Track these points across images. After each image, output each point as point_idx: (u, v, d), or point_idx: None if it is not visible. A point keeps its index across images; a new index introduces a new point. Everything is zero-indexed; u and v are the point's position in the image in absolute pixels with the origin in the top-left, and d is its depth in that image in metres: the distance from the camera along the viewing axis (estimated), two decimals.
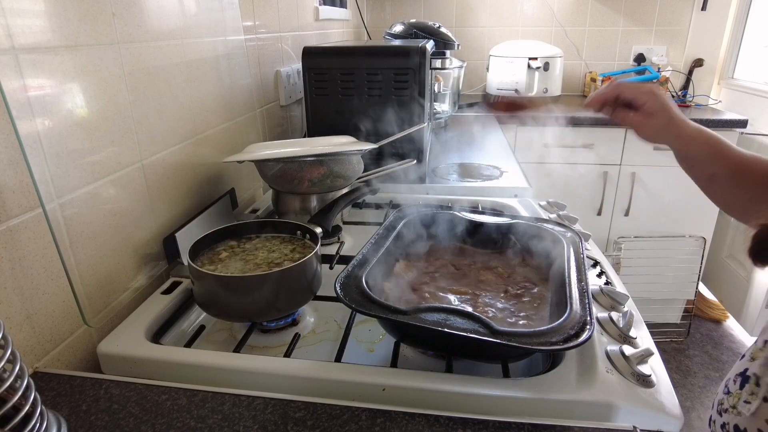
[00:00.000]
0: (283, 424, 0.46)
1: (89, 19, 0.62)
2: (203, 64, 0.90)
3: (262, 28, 1.17)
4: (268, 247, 0.70)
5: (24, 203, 0.54)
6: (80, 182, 0.61)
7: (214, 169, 0.95)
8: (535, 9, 2.44)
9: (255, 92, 1.13)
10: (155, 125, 0.76)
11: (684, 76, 2.40)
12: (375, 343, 0.65)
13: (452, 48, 1.78)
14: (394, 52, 1.11)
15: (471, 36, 2.51)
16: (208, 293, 0.62)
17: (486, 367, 0.59)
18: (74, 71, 0.60)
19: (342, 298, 0.54)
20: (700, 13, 2.31)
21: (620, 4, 2.37)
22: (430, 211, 0.79)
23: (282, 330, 0.67)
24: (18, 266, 0.53)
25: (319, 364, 0.56)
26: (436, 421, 0.46)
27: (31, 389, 0.39)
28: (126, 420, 0.47)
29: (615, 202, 2.11)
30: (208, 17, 0.91)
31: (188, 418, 0.47)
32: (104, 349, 0.59)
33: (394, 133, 0.99)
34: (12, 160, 0.52)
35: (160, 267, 0.77)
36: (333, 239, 0.89)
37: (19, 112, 0.52)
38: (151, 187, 0.75)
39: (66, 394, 0.50)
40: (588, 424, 0.46)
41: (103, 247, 0.66)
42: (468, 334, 0.49)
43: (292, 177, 0.86)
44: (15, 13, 0.52)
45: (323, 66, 1.11)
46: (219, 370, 0.56)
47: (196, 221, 0.81)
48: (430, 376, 0.53)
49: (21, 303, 0.54)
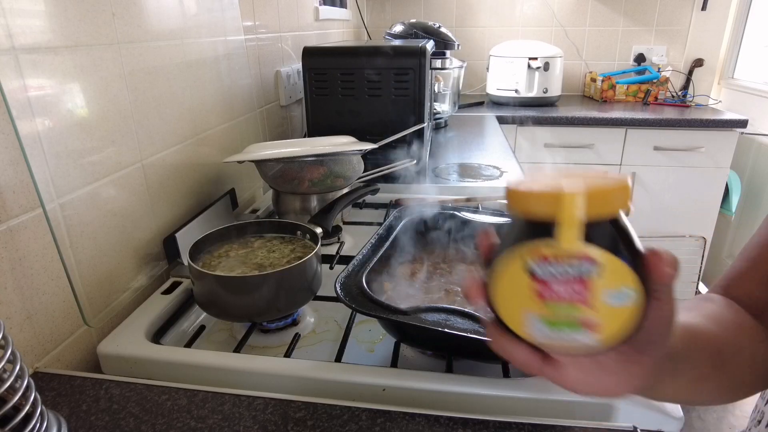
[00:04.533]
0: (283, 424, 0.46)
1: (89, 19, 0.62)
2: (203, 64, 0.90)
3: (262, 28, 1.17)
4: (268, 247, 0.70)
5: (24, 203, 0.54)
6: (80, 182, 0.61)
7: (214, 169, 0.95)
8: (535, 9, 2.44)
9: (255, 92, 1.13)
10: (155, 125, 0.76)
11: (684, 76, 2.40)
12: (375, 343, 0.65)
13: (452, 48, 1.79)
14: (394, 52, 1.11)
15: (471, 36, 2.51)
16: (208, 293, 0.62)
17: (486, 367, 0.59)
18: (74, 71, 0.60)
19: (342, 298, 0.54)
20: (701, 12, 2.31)
21: (620, 4, 2.37)
22: (430, 211, 0.79)
23: (282, 330, 0.67)
24: (18, 266, 0.53)
25: (319, 364, 0.56)
26: (437, 422, 0.46)
27: (32, 389, 0.39)
28: (126, 420, 0.47)
29: None
30: (208, 17, 0.91)
31: (188, 418, 0.47)
32: (104, 349, 0.59)
33: (394, 133, 0.99)
34: (12, 160, 0.52)
35: (160, 267, 0.77)
36: (333, 239, 0.89)
37: (19, 112, 0.52)
38: (152, 187, 0.75)
39: (66, 394, 0.50)
40: (588, 424, 0.46)
41: (103, 247, 0.66)
42: (468, 334, 0.49)
43: (292, 177, 0.86)
44: (15, 13, 0.52)
45: (323, 66, 1.11)
46: (219, 370, 0.56)
47: (196, 221, 0.81)
48: (431, 376, 0.53)
49: (21, 303, 0.54)
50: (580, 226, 0.26)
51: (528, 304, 0.28)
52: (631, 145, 2.02)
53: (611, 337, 0.28)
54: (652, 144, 2.00)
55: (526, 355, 0.31)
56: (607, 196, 0.27)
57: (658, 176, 2.04)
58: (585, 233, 0.27)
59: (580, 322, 0.28)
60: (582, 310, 0.28)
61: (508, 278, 0.29)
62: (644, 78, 2.34)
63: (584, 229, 0.27)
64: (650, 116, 2.00)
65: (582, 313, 0.28)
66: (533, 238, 0.28)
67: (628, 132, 2.00)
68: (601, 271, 0.27)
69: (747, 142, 2.12)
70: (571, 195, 0.26)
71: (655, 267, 0.27)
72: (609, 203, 0.27)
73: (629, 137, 2.00)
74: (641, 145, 2.01)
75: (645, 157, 2.02)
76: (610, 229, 0.28)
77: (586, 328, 0.28)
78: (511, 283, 0.29)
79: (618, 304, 0.27)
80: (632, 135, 2.00)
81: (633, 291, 0.27)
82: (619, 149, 2.03)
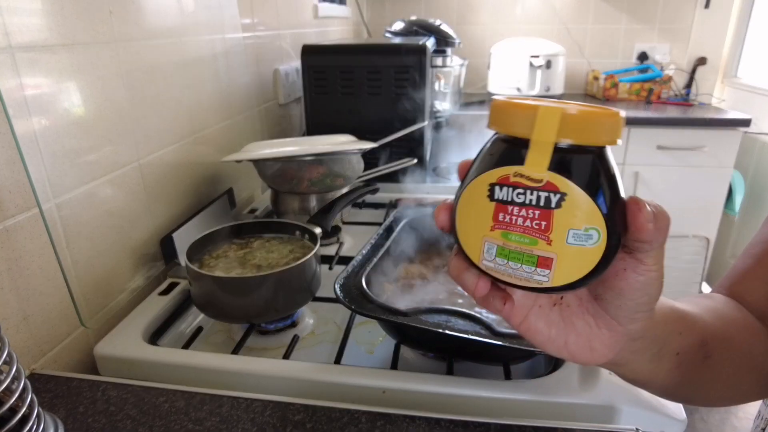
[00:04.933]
0: (281, 427, 0.45)
1: (86, 17, 0.61)
2: (201, 63, 0.89)
3: (260, 26, 1.16)
4: (266, 248, 0.70)
5: (20, 203, 0.53)
6: (77, 182, 0.61)
7: (212, 168, 0.94)
8: (537, 6, 2.43)
9: (253, 91, 1.13)
10: (153, 124, 0.75)
11: (687, 75, 2.39)
12: (375, 344, 0.65)
13: (453, 46, 1.78)
14: (395, 50, 1.10)
15: (472, 34, 2.50)
16: (206, 294, 0.62)
17: (487, 369, 0.59)
18: (71, 70, 0.59)
19: (341, 299, 0.54)
20: (703, 11, 2.30)
21: (623, 2, 2.36)
22: (430, 211, 0.78)
23: (281, 331, 0.67)
24: (14, 267, 0.53)
25: (318, 366, 0.55)
26: (437, 424, 0.45)
27: (28, 391, 0.38)
28: (123, 422, 0.46)
29: None
30: (206, 15, 0.90)
31: (186, 420, 0.47)
32: (101, 350, 0.58)
33: (395, 132, 0.98)
34: (8, 159, 0.52)
35: (157, 268, 0.77)
36: (332, 239, 0.89)
37: (15, 111, 0.52)
38: (149, 186, 0.75)
39: (63, 396, 0.50)
40: (590, 426, 0.46)
41: (100, 248, 0.65)
42: (469, 336, 0.48)
43: (291, 176, 0.85)
44: (12, 12, 0.51)
45: (323, 64, 1.10)
46: (217, 372, 0.55)
47: (193, 221, 0.80)
48: (431, 378, 0.52)
49: (17, 304, 0.53)
50: (551, 148, 0.24)
51: (485, 230, 0.26)
52: (633, 144, 2.01)
53: (563, 278, 0.26)
54: (655, 143, 1.99)
55: (479, 286, 0.28)
56: (591, 123, 0.24)
57: (661, 175, 2.03)
58: (559, 160, 0.24)
59: (533, 256, 0.26)
60: (537, 243, 0.25)
61: (472, 201, 0.27)
62: (647, 76, 2.33)
63: (559, 155, 0.24)
64: (653, 115, 1.99)
65: (537, 247, 0.25)
66: (506, 160, 0.26)
67: (631, 131, 1.99)
68: (565, 205, 0.24)
69: (750, 142, 2.11)
70: (545, 110, 0.24)
71: (634, 217, 0.25)
72: (591, 131, 0.24)
73: (632, 136, 1.99)
74: (644, 144, 2.00)
75: (648, 156, 2.01)
76: (589, 161, 0.25)
77: (538, 263, 0.26)
78: (474, 207, 0.27)
79: (577, 243, 0.25)
80: (635, 134, 1.99)
81: (597, 233, 0.25)
82: (621, 148, 2.02)
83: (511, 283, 0.27)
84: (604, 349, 0.30)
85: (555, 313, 0.30)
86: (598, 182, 0.25)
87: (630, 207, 0.25)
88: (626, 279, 0.27)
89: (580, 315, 0.30)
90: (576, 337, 0.30)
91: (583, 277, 0.26)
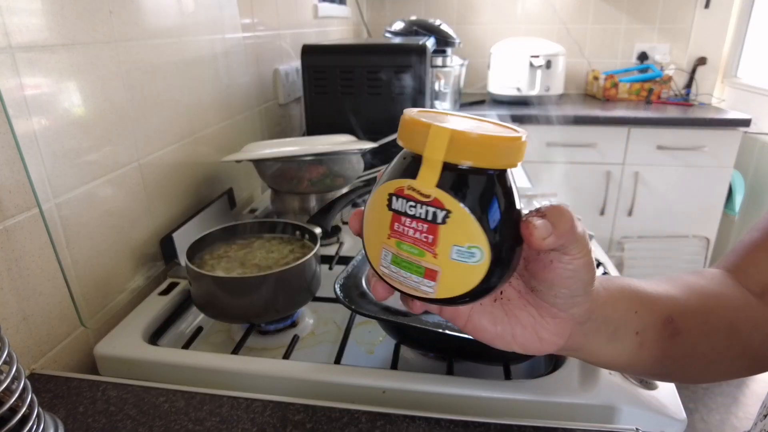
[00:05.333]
0: (281, 427, 0.45)
1: (86, 17, 0.61)
2: (201, 63, 0.89)
3: (260, 26, 1.16)
4: (266, 248, 0.70)
5: (20, 203, 0.53)
6: (77, 182, 0.61)
7: (211, 168, 0.94)
8: (537, 6, 2.43)
9: (253, 91, 1.13)
10: (152, 124, 0.75)
11: (687, 75, 2.38)
12: (375, 344, 0.65)
13: (453, 46, 1.78)
14: (395, 49, 1.10)
15: (472, 33, 2.50)
16: (205, 294, 0.62)
17: (487, 369, 0.59)
18: (71, 70, 0.59)
19: (341, 299, 0.54)
20: (704, 11, 2.30)
21: (623, 2, 2.36)
22: None
23: (281, 332, 0.67)
24: (14, 267, 0.53)
25: (318, 366, 0.55)
26: (437, 424, 0.45)
27: (28, 391, 0.38)
28: (123, 422, 0.46)
29: (618, 202, 2.10)
30: (206, 15, 0.90)
31: (186, 420, 0.46)
32: (101, 350, 0.58)
33: (394, 131, 0.98)
34: (8, 159, 0.52)
35: (157, 268, 0.77)
36: (332, 239, 0.89)
37: (15, 111, 0.52)
38: (149, 186, 0.75)
39: (63, 396, 0.50)
40: (590, 426, 0.46)
41: (99, 248, 0.65)
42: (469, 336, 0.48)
43: (291, 176, 0.85)
44: (12, 12, 0.51)
45: (322, 64, 1.10)
46: (217, 372, 0.55)
47: (193, 221, 0.80)
48: (431, 378, 0.52)
49: (17, 304, 0.53)
50: (440, 166, 0.25)
51: (383, 237, 0.28)
52: (633, 144, 2.00)
53: (447, 291, 0.27)
54: (655, 143, 1.99)
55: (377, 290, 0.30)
56: (482, 145, 0.25)
57: (661, 175, 2.03)
58: (448, 178, 0.25)
59: (420, 267, 0.27)
60: (425, 254, 0.26)
61: (375, 208, 0.28)
62: (647, 76, 2.33)
63: (449, 173, 0.25)
64: (653, 115, 1.99)
65: (424, 258, 0.27)
66: (404, 172, 0.27)
67: (631, 131, 1.99)
68: (450, 222, 0.25)
69: (750, 142, 2.10)
70: (436, 129, 0.25)
71: (528, 240, 0.26)
72: (484, 154, 0.25)
73: (632, 136, 1.99)
74: (644, 144, 2.00)
75: (648, 156, 2.01)
76: (479, 182, 0.26)
77: (425, 274, 0.27)
78: (376, 214, 0.28)
79: (461, 260, 0.26)
80: (635, 134, 1.99)
81: (480, 251, 0.26)
82: (621, 148, 2.02)
83: (402, 290, 0.29)
84: (552, 337, 0.31)
85: (498, 309, 0.31)
86: (485, 203, 0.26)
87: (522, 231, 0.26)
88: (555, 270, 0.28)
89: (522, 307, 0.31)
90: (522, 330, 0.31)
91: (467, 293, 0.27)
